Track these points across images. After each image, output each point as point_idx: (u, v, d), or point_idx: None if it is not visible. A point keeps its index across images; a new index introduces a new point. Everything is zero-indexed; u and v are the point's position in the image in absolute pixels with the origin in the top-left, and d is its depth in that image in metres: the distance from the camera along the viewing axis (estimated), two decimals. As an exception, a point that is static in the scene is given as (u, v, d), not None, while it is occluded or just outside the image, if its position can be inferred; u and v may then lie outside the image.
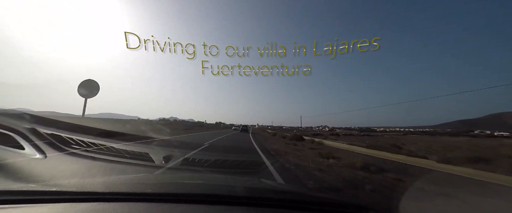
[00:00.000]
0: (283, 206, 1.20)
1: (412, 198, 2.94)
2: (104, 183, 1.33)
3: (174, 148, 7.25)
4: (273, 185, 2.21)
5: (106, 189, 1.20)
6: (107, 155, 4.33)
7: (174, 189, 1.39)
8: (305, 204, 1.26)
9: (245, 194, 1.30)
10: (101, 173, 3.53)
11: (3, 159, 3.29)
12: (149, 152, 4.47)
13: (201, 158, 4.92)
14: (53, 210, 0.99)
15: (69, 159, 4.15)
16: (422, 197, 3.32)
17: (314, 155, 7.64)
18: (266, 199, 1.26)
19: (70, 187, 1.20)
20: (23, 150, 3.46)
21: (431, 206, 2.80)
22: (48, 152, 3.77)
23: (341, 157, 7.21)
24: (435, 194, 3.52)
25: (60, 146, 4.50)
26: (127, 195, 1.17)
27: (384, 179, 4.58)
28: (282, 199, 1.31)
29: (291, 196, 1.46)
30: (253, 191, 1.45)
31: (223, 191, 1.37)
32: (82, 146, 4.87)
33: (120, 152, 4.54)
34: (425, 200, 3.14)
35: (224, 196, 1.25)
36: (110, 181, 1.42)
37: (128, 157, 4.29)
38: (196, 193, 1.29)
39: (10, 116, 7.01)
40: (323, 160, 6.73)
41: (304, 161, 6.22)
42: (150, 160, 4.12)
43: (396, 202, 2.64)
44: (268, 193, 1.45)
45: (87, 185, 1.25)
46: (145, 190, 1.25)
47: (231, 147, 9.66)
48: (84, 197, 1.14)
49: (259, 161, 5.80)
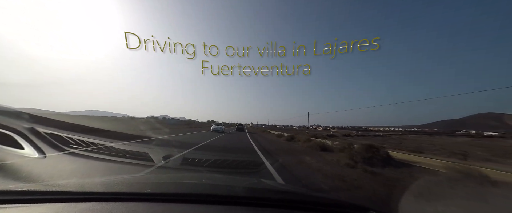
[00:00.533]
0: (282, 206, 1.20)
1: (411, 199, 2.94)
2: (103, 182, 1.33)
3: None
4: (272, 185, 2.20)
5: (105, 189, 1.20)
6: (106, 154, 4.33)
7: (174, 188, 1.38)
8: (305, 204, 1.26)
9: (244, 194, 1.30)
10: (100, 172, 3.53)
11: (3, 159, 3.29)
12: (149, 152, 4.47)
13: (201, 157, 4.92)
14: (53, 210, 0.98)
15: (68, 159, 4.15)
16: (422, 197, 3.32)
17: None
18: (265, 199, 1.26)
19: (69, 187, 1.19)
20: (22, 150, 3.46)
21: (431, 206, 2.80)
22: (47, 151, 3.77)
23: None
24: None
25: (59, 145, 4.49)
26: (126, 195, 1.17)
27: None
28: (282, 199, 1.31)
29: (290, 196, 1.46)
30: (252, 191, 1.45)
31: (223, 191, 1.37)
32: (81, 145, 4.87)
33: (120, 152, 4.54)
34: (425, 200, 3.14)
35: (223, 196, 1.25)
36: (109, 180, 1.42)
37: (127, 156, 4.29)
38: (196, 193, 1.29)
39: (9, 115, 7.00)
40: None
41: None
42: (149, 159, 4.12)
43: (396, 202, 2.64)
44: (268, 193, 1.44)
45: (86, 184, 1.25)
46: (144, 189, 1.24)
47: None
48: (83, 197, 1.14)
49: (258, 161, 5.79)
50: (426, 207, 2.69)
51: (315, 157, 7.23)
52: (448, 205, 2.87)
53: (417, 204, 2.71)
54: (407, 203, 2.61)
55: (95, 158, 4.17)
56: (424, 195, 3.24)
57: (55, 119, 8.54)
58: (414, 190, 3.36)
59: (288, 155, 7.72)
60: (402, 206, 2.47)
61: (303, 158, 6.89)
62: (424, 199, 3.03)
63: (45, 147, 3.95)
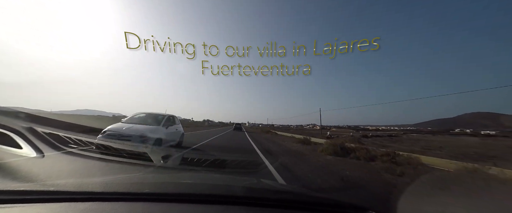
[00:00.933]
0: (282, 206, 1.20)
1: (410, 198, 2.94)
2: (102, 182, 1.32)
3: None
4: (272, 185, 2.20)
5: (104, 189, 1.19)
6: (105, 153, 4.32)
7: (172, 188, 1.38)
8: (304, 204, 1.26)
9: (243, 194, 1.30)
10: (99, 172, 3.52)
11: (0, 158, 3.27)
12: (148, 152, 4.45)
13: (200, 157, 4.91)
14: (50, 210, 0.98)
15: (66, 158, 4.14)
16: (421, 197, 3.32)
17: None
18: (265, 199, 1.26)
19: (67, 186, 1.19)
20: (21, 149, 3.44)
21: (429, 206, 2.80)
22: (45, 151, 3.75)
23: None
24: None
25: (57, 144, 4.47)
26: (125, 194, 1.17)
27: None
28: (281, 199, 1.31)
29: (290, 196, 1.46)
30: (251, 191, 1.45)
31: (222, 190, 1.37)
32: (80, 145, 4.85)
33: (119, 151, 4.52)
34: (424, 200, 3.14)
35: (222, 195, 1.25)
36: (108, 180, 1.42)
37: (126, 156, 4.27)
38: (194, 192, 1.29)
39: (6, 114, 6.97)
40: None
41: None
42: (148, 159, 4.11)
43: (395, 202, 2.64)
44: (267, 193, 1.44)
45: (85, 184, 1.24)
46: (143, 189, 1.24)
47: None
48: (82, 196, 1.13)
49: (258, 161, 5.78)
50: (425, 206, 2.70)
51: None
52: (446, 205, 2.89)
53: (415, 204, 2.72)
54: (406, 203, 2.61)
55: (94, 157, 4.16)
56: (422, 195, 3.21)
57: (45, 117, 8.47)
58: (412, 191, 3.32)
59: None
60: (401, 206, 2.48)
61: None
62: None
63: (43, 146, 3.93)
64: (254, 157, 6.66)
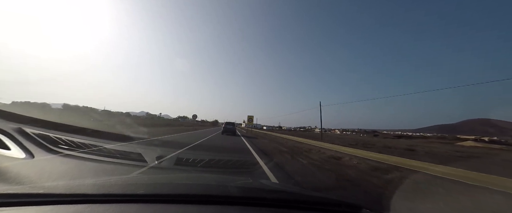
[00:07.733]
0: (277, 205, 1.20)
1: (404, 197, 3.00)
2: (94, 184, 1.29)
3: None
4: (267, 184, 2.20)
5: (96, 190, 1.16)
6: (97, 154, 4.24)
7: (167, 189, 1.36)
8: (299, 203, 1.27)
9: (239, 194, 1.29)
10: (92, 173, 3.44)
11: None
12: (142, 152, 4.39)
13: (195, 157, 4.88)
14: None
15: (57, 159, 4.03)
16: (414, 195, 3.39)
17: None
18: (260, 199, 1.26)
19: (57, 188, 1.16)
20: (9, 151, 3.33)
21: (422, 204, 2.87)
22: (35, 152, 3.64)
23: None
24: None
25: (48, 145, 4.36)
26: (119, 196, 1.14)
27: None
28: (277, 198, 1.31)
29: (285, 195, 1.46)
30: (247, 190, 1.45)
31: (217, 191, 1.36)
32: (71, 146, 4.74)
33: (111, 152, 4.44)
34: (417, 198, 3.21)
35: (218, 196, 1.24)
36: (100, 182, 1.39)
37: (119, 156, 4.21)
38: (190, 193, 1.28)
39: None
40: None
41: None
42: (142, 159, 4.06)
43: (388, 200, 2.69)
44: (263, 193, 1.44)
45: (76, 186, 1.21)
46: (137, 190, 1.22)
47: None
48: (73, 199, 1.10)
49: (253, 161, 5.79)
50: (418, 205, 2.75)
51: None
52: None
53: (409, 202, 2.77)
54: (400, 201, 2.66)
55: (86, 158, 4.07)
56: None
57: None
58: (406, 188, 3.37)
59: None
60: (395, 204, 2.52)
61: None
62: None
63: (33, 147, 3.81)
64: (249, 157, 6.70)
